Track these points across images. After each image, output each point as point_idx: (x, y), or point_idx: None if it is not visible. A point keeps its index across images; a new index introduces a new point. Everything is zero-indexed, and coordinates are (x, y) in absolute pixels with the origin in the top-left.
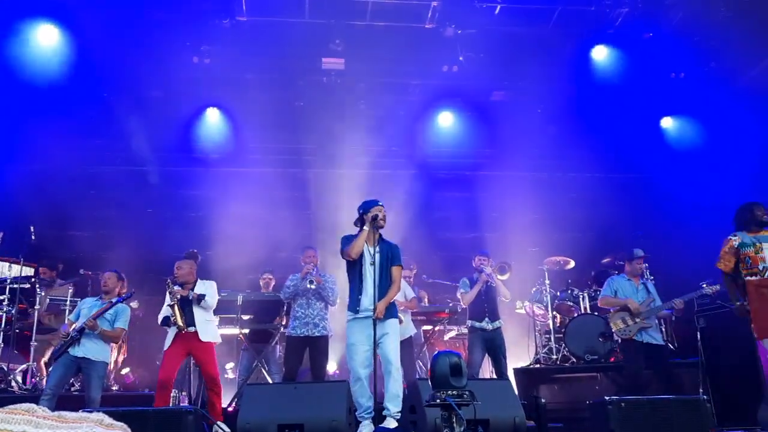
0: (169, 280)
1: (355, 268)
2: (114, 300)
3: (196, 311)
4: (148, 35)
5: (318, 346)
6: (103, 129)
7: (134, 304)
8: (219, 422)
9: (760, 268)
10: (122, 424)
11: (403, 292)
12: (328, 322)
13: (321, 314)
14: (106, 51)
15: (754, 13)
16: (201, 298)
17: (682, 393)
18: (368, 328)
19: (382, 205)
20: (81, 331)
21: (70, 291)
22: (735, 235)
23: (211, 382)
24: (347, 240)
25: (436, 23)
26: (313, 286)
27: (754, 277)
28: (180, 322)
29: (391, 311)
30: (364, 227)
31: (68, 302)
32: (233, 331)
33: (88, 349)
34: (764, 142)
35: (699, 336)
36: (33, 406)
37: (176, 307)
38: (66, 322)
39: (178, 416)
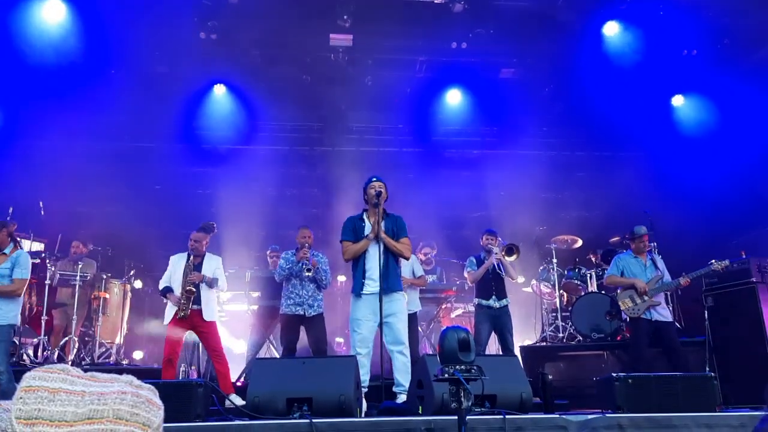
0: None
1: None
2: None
3: (203, 291)
4: (154, 11)
5: (314, 324)
6: (110, 105)
7: (139, 283)
8: (232, 395)
9: None
10: (149, 385)
11: (412, 268)
12: (321, 300)
13: (314, 294)
14: (113, 27)
15: None
16: (214, 282)
17: (688, 371)
18: (374, 303)
19: (376, 180)
20: None
21: (80, 266)
22: None
23: (216, 355)
24: (346, 229)
25: None
26: (310, 274)
27: None
28: (187, 312)
29: (395, 284)
30: (366, 236)
31: (78, 278)
32: (242, 307)
33: None
34: None
35: (706, 314)
36: (67, 366)
37: (189, 299)
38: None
39: (189, 388)
